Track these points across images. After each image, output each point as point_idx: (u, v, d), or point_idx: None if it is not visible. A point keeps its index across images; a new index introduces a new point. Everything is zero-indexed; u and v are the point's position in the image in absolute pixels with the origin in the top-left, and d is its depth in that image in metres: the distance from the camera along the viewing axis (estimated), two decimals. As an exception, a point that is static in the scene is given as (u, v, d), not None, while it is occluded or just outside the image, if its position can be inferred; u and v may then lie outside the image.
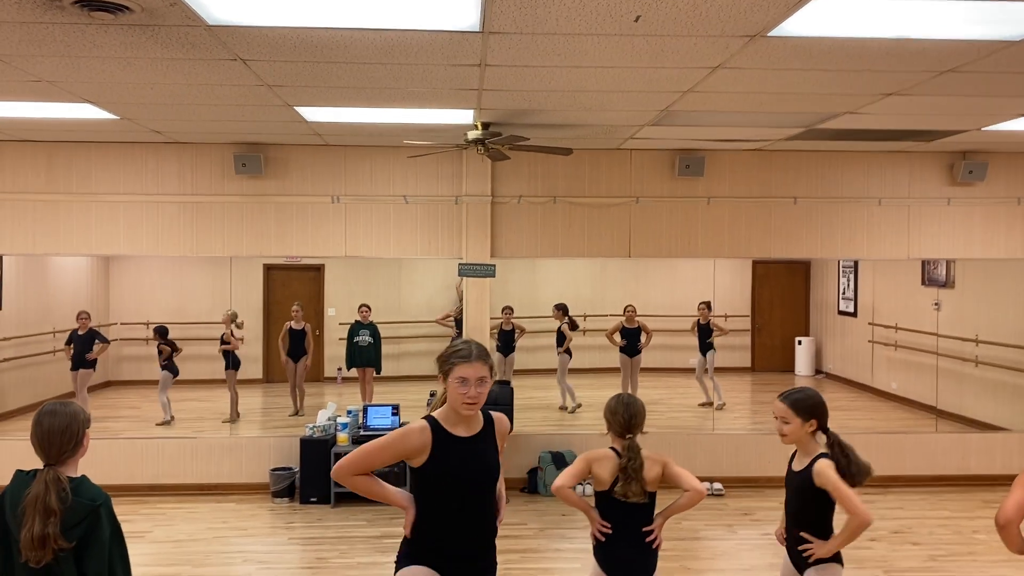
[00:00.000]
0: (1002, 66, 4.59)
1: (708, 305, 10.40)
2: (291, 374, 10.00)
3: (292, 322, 9.99)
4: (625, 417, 3.67)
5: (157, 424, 9.22)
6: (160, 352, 9.50)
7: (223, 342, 9.50)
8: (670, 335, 11.50)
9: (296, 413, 9.87)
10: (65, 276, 10.51)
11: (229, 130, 6.96)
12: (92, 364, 9.36)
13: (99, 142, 7.57)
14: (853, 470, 3.42)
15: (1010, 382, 8.71)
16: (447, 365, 3.14)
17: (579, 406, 10.14)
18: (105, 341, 9.53)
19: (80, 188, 7.62)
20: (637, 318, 10.20)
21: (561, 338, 10.33)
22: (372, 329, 9.91)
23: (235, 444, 7.83)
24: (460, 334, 8.74)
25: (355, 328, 9.92)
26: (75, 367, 9.30)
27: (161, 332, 9.56)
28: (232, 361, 9.53)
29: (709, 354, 10.38)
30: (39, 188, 7.59)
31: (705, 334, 10.43)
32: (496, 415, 3.27)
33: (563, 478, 3.66)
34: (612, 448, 3.68)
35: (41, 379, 9.76)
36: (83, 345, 9.32)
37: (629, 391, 9.59)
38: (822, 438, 3.58)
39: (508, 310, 10.40)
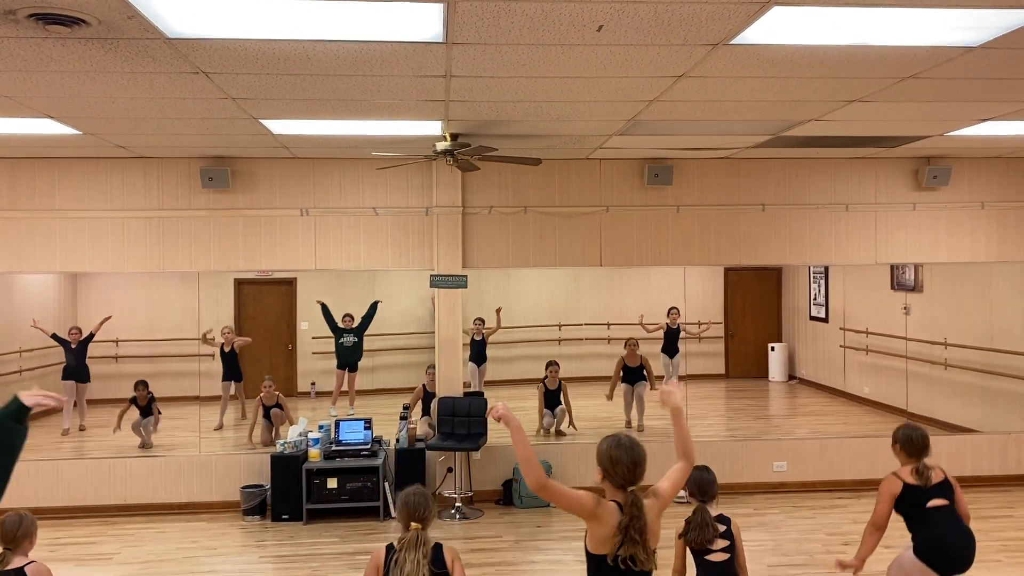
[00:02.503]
0: (961, 72, 4.65)
1: (678, 311, 10.51)
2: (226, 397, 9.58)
3: (223, 344, 9.55)
4: (629, 466, 3.13)
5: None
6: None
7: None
8: (644, 344, 11.51)
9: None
10: (31, 294, 10.32)
11: (195, 144, 6.89)
12: (87, 377, 9.40)
13: (63, 157, 7.47)
14: None
15: (978, 384, 8.82)
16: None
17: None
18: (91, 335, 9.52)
19: (44, 204, 7.50)
20: (639, 353, 9.67)
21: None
22: (356, 332, 9.93)
23: (205, 462, 7.71)
24: None
25: (340, 332, 9.90)
26: (67, 377, 9.34)
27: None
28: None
29: (676, 357, 10.49)
30: (1, 205, 7.46)
31: (673, 338, 10.55)
32: (445, 548, 3.60)
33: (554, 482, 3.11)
34: (614, 501, 3.09)
35: (7, 399, 9.57)
36: (77, 357, 9.31)
37: (632, 424, 9.54)
38: None
39: (479, 321, 10.40)
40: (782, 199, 8.05)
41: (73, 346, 9.32)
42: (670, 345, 10.56)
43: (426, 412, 8.33)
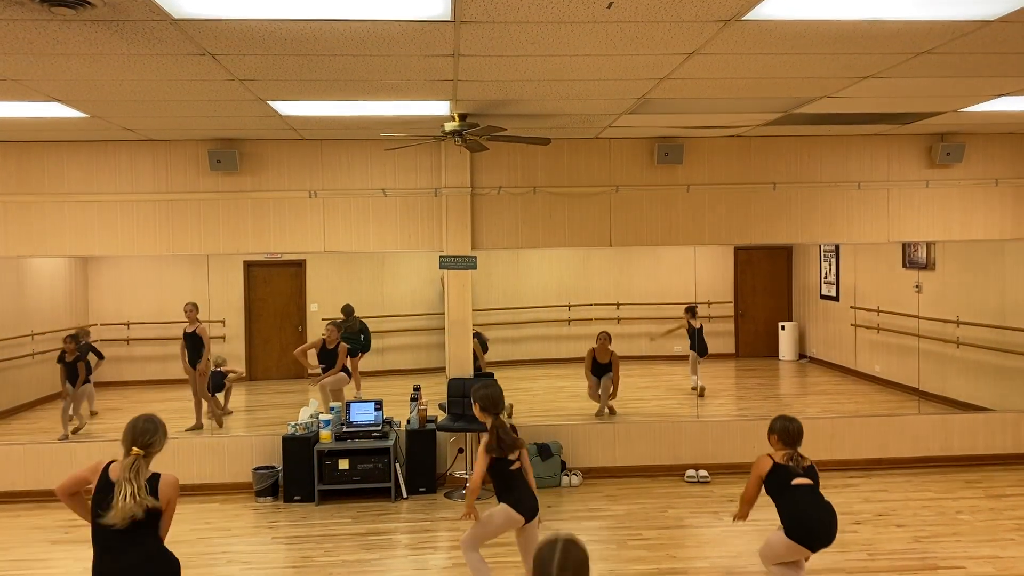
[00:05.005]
0: (977, 47, 4.57)
1: (693, 311, 10.35)
2: (192, 382, 9.19)
3: (186, 325, 9.17)
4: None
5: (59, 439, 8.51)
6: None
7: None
8: (655, 323, 11.50)
9: (195, 427, 8.94)
10: (42, 277, 10.37)
11: (202, 126, 6.86)
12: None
13: (70, 141, 7.46)
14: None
15: (991, 362, 8.77)
16: None
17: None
18: (100, 356, 9.31)
19: (53, 188, 7.50)
20: (610, 348, 9.55)
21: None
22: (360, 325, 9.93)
23: (217, 444, 7.75)
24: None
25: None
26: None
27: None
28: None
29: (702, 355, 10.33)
30: (10, 189, 7.47)
31: (696, 336, 10.43)
32: (164, 481, 3.75)
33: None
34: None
35: (20, 382, 9.64)
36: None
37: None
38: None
39: None
40: (793, 177, 7.98)
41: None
42: (698, 344, 10.39)
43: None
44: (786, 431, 4.77)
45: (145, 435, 3.72)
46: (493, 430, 4.80)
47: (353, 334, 9.89)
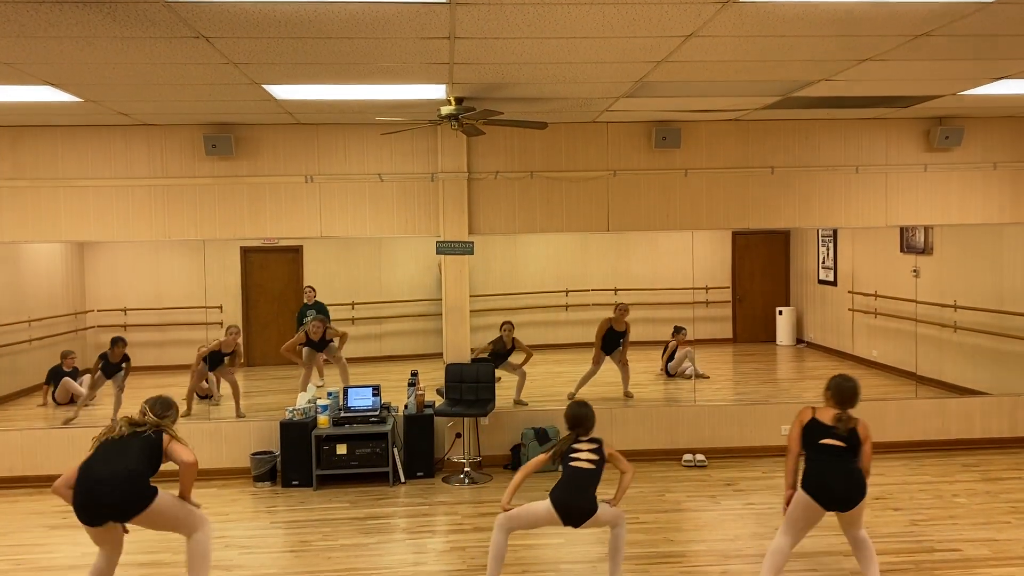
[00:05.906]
0: (976, 29, 4.55)
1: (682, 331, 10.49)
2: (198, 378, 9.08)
3: (218, 344, 8.92)
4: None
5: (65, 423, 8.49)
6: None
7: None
8: (652, 308, 11.50)
9: (186, 413, 8.60)
10: (38, 263, 10.34)
11: (198, 110, 6.82)
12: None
13: (65, 125, 7.41)
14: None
15: (988, 346, 8.78)
16: None
17: None
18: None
19: (47, 173, 7.46)
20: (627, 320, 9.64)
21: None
22: (319, 308, 9.83)
23: (215, 429, 7.76)
24: None
25: (303, 310, 9.80)
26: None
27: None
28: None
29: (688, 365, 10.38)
30: (5, 174, 7.43)
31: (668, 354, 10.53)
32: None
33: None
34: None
35: (17, 368, 9.63)
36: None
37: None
38: None
39: None
40: (792, 161, 7.96)
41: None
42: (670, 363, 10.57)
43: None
44: (839, 389, 4.76)
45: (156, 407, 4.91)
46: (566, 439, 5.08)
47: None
